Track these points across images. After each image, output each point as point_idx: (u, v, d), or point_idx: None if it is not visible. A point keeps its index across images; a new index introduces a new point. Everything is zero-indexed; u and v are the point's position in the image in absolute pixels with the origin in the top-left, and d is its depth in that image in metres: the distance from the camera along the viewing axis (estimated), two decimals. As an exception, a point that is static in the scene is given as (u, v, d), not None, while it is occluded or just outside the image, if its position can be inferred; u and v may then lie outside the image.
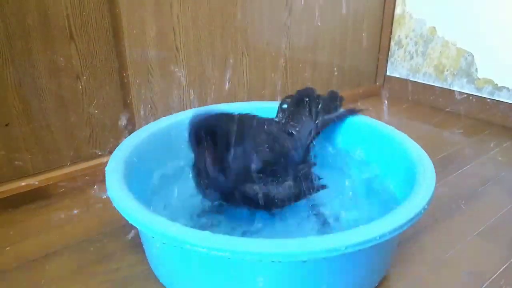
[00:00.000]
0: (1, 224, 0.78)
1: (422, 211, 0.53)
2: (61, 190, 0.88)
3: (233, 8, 1.07)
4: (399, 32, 1.46)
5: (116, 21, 0.89)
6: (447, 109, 1.38)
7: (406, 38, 1.44)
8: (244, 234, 0.67)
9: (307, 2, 1.22)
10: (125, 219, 0.54)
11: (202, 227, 0.61)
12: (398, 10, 1.44)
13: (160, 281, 0.62)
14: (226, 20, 1.07)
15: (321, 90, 1.38)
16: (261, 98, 1.22)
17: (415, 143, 0.74)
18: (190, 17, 1.00)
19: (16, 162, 0.84)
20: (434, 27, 1.36)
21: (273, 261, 0.45)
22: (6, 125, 0.82)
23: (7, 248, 0.72)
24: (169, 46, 0.99)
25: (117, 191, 0.58)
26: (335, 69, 1.38)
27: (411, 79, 1.46)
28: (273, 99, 1.24)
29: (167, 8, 0.95)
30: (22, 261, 0.68)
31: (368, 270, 0.58)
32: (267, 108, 0.95)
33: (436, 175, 0.63)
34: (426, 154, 0.70)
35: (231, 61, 1.12)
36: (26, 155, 0.85)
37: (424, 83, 1.42)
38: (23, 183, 0.84)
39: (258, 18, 1.13)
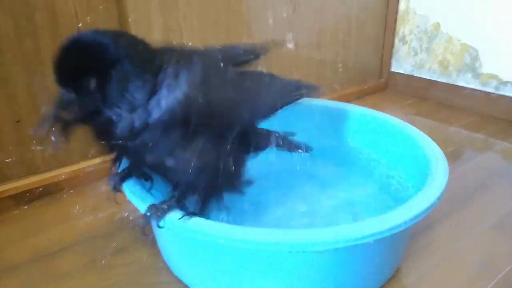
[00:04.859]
0: (15, 219, 0.79)
1: (437, 201, 0.54)
2: (72, 186, 0.89)
3: (238, 6, 1.07)
4: (403, 28, 1.46)
5: (124, 19, 0.90)
6: (452, 105, 1.38)
7: (410, 34, 1.45)
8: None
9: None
10: (137, 213, 0.54)
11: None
12: (402, 6, 1.44)
13: (175, 273, 0.63)
14: (232, 17, 1.07)
15: (324, 87, 1.39)
16: (267, 95, 1.22)
17: (426, 136, 0.75)
18: (196, 15, 1.00)
19: (27, 159, 0.85)
20: (438, 23, 1.36)
21: (290, 252, 0.45)
22: (17, 122, 0.82)
23: (22, 242, 0.72)
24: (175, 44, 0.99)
25: (130, 185, 0.59)
26: (340, 65, 1.38)
27: (415, 75, 1.46)
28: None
29: (173, 6, 0.96)
30: (37, 255, 0.69)
31: (382, 262, 0.58)
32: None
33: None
34: (437, 146, 0.71)
35: (236, 58, 1.12)
36: (37, 151, 0.86)
37: (428, 79, 1.43)
38: (35, 179, 0.85)
39: (263, 15, 1.13)
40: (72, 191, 0.88)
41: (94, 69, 0.47)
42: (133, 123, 0.48)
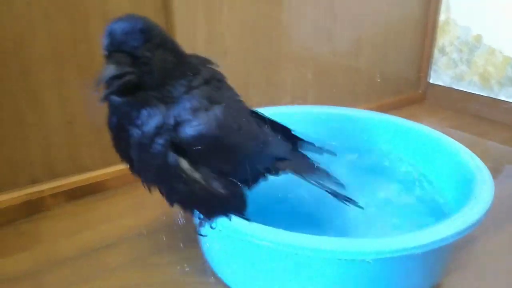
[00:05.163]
0: (65, 215, 0.84)
1: (484, 216, 0.54)
2: (118, 185, 0.93)
3: (279, 14, 1.09)
4: (443, 40, 1.44)
5: (171, 27, 0.93)
6: (492, 119, 1.35)
7: (450, 45, 1.43)
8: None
9: (351, 8, 1.23)
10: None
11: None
12: (442, 17, 1.43)
13: (218, 275, 0.65)
14: (272, 25, 1.09)
15: (361, 96, 1.39)
16: (304, 102, 1.24)
17: (469, 150, 0.74)
18: (239, 22, 1.03)
19: (77, 157, 0.89)
20: (480, 35, 1.34)
21: (339, 259, 0.46)
22: (69, 122, 0.87)
23: (72, 237, 0.76)
24: (218, 51, 1.02)
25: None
26: (378, 75, 1.38)
27: (454, 87, 1.44)
28: (315, 103, 1.26)
29: (217, 14, 0.99)
30: (85, 250, 0.73)
31: (424, 275, 0.58)
32: (310, 113, 0.97)
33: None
34: (481, 161, 0.70)
35: (275, 65, 1.14)
36: (85, 151, 0.90)
37: (468, 92, 1.40)
38: (83, 177, 0.89)
39: (303, 23, 1.15)
40: (116, 190, 0.92)
41: (152, 38, 0.47)
42: (164, 119, 0.48)
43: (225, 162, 0.53)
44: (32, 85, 0.80)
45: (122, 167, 0.94)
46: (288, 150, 0.70)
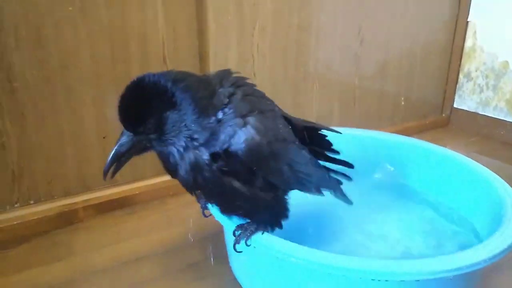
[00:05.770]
0: (96, 227, 0.86)
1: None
2: (146, 200, 0.95)
3: (308, 38, 1.13)
4: (469, 65, 1.45)
5: (204, 48, 0.97)
6: (519, 145, 1.34)
7: (476, 71, 1.43)
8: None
9: (378, 33, 1.25)
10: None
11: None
12: (468, 43, 1.44)
13: (247, 292, 0.66)
14: (301, 48, 1.12)
15: (385, 119, 1.40)
16: (328, 124, 1.25)
17: (497, 175, 0.74)
18: (269, 45, 1.06)
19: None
20: (507, 61, 1.34)
21: (373, 280, 0.47)
22: (104, 137, 0.90)
23: (103, 249, 0.79)
24: (247, 72, 1.05)
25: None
26: (402, 99, 1.39)
27: (480, 112, 1.43)
28: (339, 125, 1.27)
29: (249, 37, 1.02)
30: (116, 262, 0.75)
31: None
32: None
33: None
34: (510, 186, 0.70)
35: (302, 87, 1.16)
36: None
37: (494, 117, 1.39)
38: (113, 191, 0.92)
39: (331, 47, 1.18)
40: (144, 205, 0.95)
41: (153, 112, 0.49)
42: (193, 161, 0.51)
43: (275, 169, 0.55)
44: (73, 102, 0.84)
45: (151, 182, 0.98)
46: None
